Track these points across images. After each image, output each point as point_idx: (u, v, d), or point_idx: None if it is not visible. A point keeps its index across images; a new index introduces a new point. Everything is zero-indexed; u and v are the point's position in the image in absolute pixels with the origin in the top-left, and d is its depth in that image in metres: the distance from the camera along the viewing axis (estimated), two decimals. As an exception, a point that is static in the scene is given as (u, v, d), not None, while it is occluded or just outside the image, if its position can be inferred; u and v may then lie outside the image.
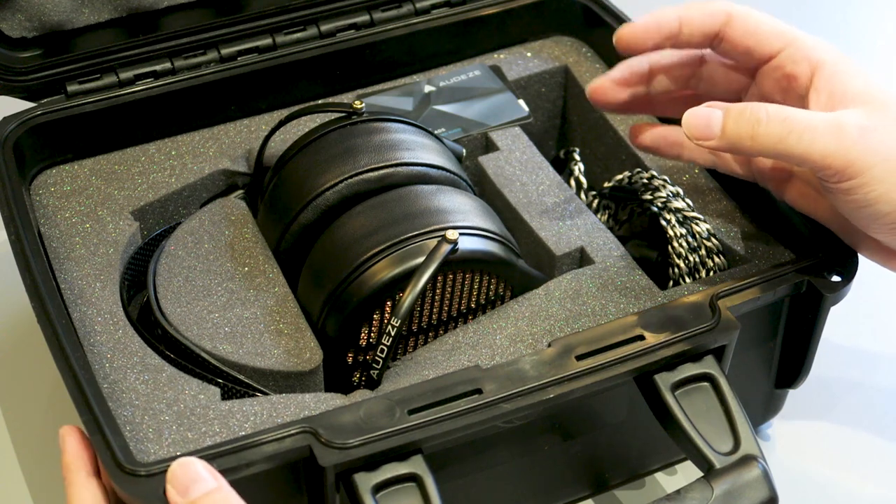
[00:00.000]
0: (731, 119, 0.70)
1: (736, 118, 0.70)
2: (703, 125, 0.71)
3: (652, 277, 0.79)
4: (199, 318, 0.76)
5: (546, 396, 0.69)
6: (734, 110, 0.70)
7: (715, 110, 0.71)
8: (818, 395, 0.87)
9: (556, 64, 0.95)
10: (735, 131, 0.70)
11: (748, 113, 0.70)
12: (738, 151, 0.72)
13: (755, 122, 0.70)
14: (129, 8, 0.87)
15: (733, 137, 0.70)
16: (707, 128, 0.71)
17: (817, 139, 0.69)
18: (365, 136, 0.80)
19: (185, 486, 0.62)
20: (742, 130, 0.70)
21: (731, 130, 0.70)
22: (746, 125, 0.70)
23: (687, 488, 0.67)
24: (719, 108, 0.71)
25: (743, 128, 0.70)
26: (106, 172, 0.85)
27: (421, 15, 0.94)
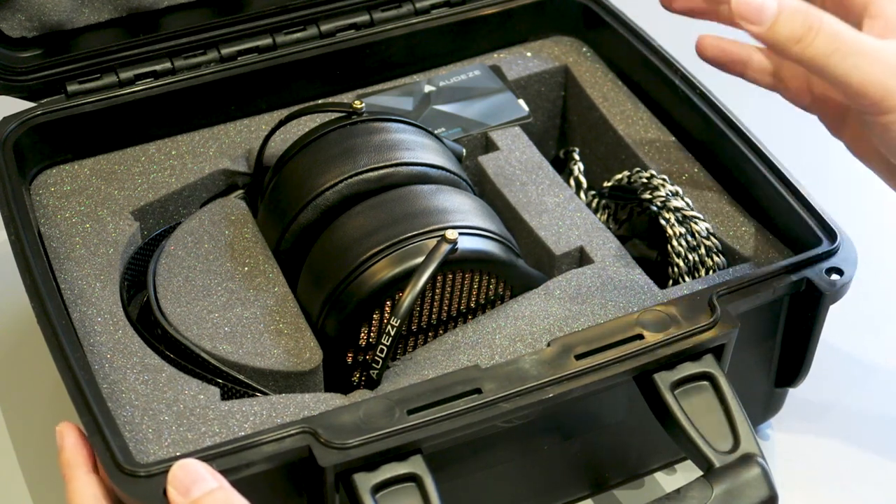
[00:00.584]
0: (785, 15, 0.66)
1: (790, 16, 0.66)
2: (755, 9, 0.66)
3: (651, 277, 0.79)
4: (199, 318, 0.76)
5: (545, 396, 0.69)
6: (790, 8, 0.66)
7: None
8: (818, 395, 0.87)
9: (556, 64, 0.95)
10: (784, 29, 0.66)
11: (802, 15, 0.66)
12: (782, 54, 0.67)
13: (807, 28, 0.66)
14: (129, 8, 0.87)
15: (781, 35, 0.66)
16: (758, 12, 0.66)
17: (861, 65, 0.66)
18: (365, 136, 0.80)
19: (187, 486, 0.62)
20: (792, 31, 0.66)
21: (781, 27, 0.66)
22: (798, 27, 0.66)
23: (687, 487, 0.67)
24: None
25: (793, 28, 0.66)
26: (106, 172, 0.85)
27: (421, 15, 0.94)
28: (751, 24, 0.66)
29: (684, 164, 0.86)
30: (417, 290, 0.71)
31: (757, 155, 0.82)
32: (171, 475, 0.63)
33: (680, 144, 0.88)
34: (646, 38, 0.91)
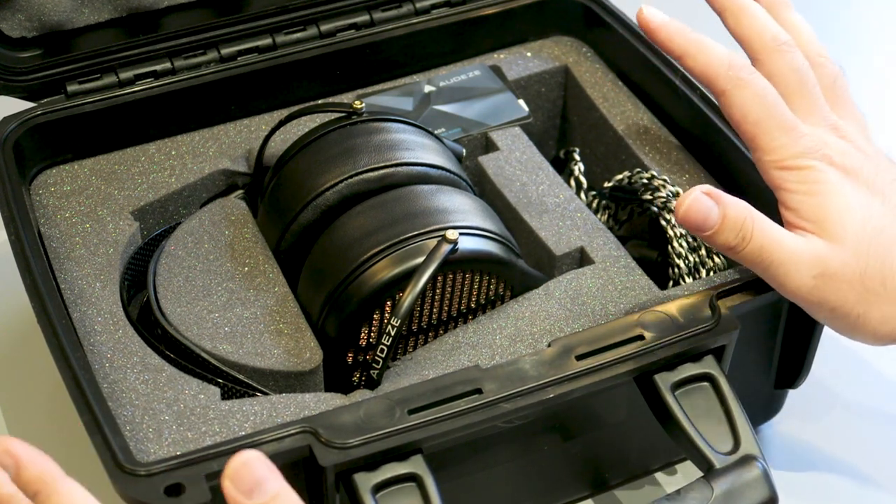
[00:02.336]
0: (726, 226, 0.71)
1: (727, 228, 0.71)
2: (702, 220, 0.71)
3: (652, 277, 0.79)
4: (199, 318, 0.76)
5: (546, 396, 0.69)
6: (729, 217, 0.71)
7: (713, 210, 0.71)
8: (818, 395, 0.87)
9: (556, 64, 0.95)
10: (721, 238, 0.71)
11: (739, 227, 0.71)
12: (726, 253, 0.73)
13: (740, 239, 0.71)
14: (129, 8, 0.87)
15: (718, 241, 0.71)
16: (703, 223, 0.71)
17: (789, 273, 0.71)
18: (365, 136, 0.80)
19: (250, 486, 0.57)
20: (727, 240, 0.71)
21: (719, 236, 0.71)
22: (732, 238, 0.71)
23: (687, 488, 0.67)
24: (719, 204, 0.71)
25: (728, 238, 0.71)
26: (106, 172, 0.85)
27: (421, 15, 0.94)
28: (700, 233, 0.71)
29: (684, 164, 0.86)
30: (418, 291, 0.71)
31: (757, 155, 0.82)
32: (233, 470, 0.57)
33: (680, 145, 0.88)
34: (646, 38, 0.91)
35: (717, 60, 0.75)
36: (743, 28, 0.77)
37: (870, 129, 0.78)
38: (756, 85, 0.74)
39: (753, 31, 0.77)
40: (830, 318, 0.73)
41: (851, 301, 0.72)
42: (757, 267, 0.72)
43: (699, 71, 0.76)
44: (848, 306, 0.72)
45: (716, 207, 0.71)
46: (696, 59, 0.76)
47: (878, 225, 0.73)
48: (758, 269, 0.72)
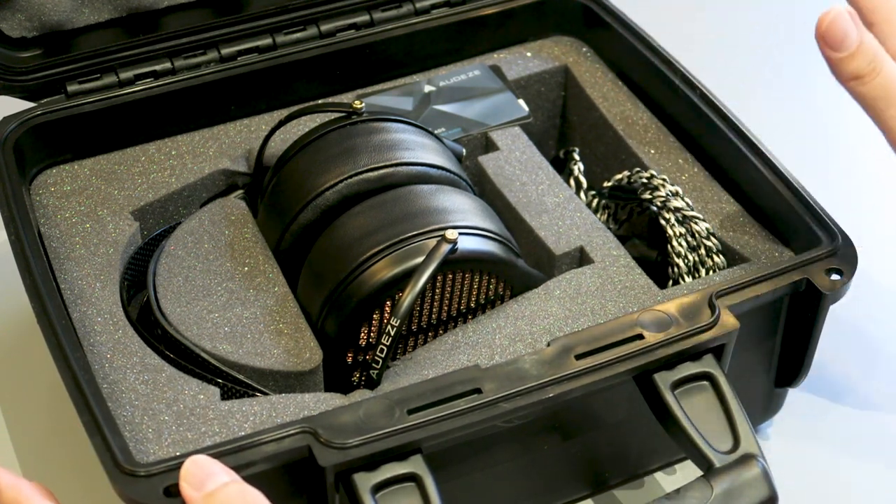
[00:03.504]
0: (860, 50, 0.70)
1: (862, 52, 0.70)
2: (839, 38, 0.70)
3: (651, 277, 0.79)
4: (199, 318, 0.76)
5: (545, 396, 0.69)
6: (865, 45, 0.70)
7: (853, 30, 0.70)
8: (818, 395, 0.87)
9: (556, 64, 0.95)
10: (853, 63, 0.70)
11: (871, 55, 0.70)
12: (841, 82, 0.71)
13: (871, 69, 0.70)
14: (129, 8, 0.87)
15: (849, 67, 0.70)
16: (840, 42, 0.70)
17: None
18: (365, 136, 0.80)
19: (201, 480, 0.62)
20: (858, 67, 0.70)
21: (852, 59, 0.70)
22: (864, 65, 0.70)
23: (686, 487, 0.67)
24: (857, 32, 0.70)
25: (860, 65, 0.70)
26: (106, 172, 0.85)
27: (421, 15, 0.94)
28: (829, 49, 0.70)
29: (684, 164, 0.86)
30: (417, 290, 0.71)
31: (757, 155, 0.82)
32: (185, 471, 0.62)
33: (680, 144, 0.88)
34: (646, 38, 0.91)
35: None
36: None
37: None
38: None
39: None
40: None
41: None
42: (878, 104, 0.70)
43: None
44: None
45: (855, 28, 0.70)
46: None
47: None
48: (878, 108, 0.70)
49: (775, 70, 1.17)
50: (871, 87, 0.70)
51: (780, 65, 1.19)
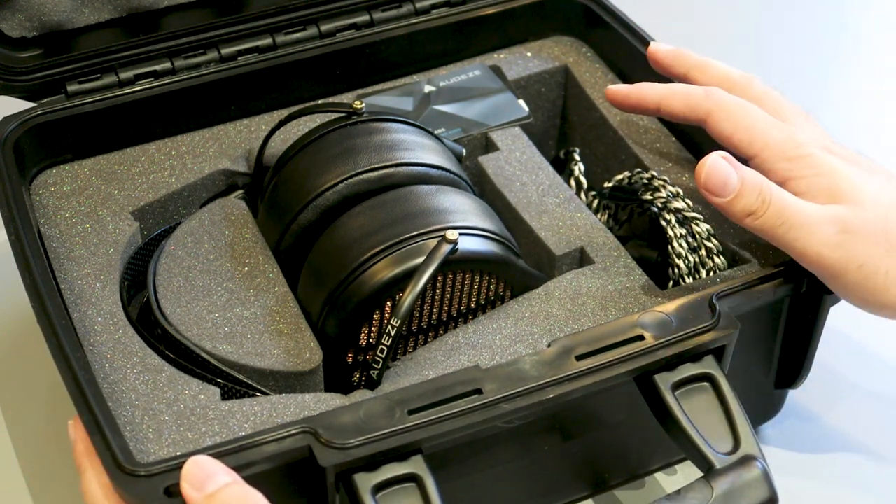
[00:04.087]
0: (744, 191, 0.73)
1: (747, 192, 0.72)
2: (721, 184, 0.73)
3: (652, 277, 0.79)
4: (199, 318, 0.76)
5: (546, 396, 0.69)
6: (748, 185, 0.73)
7: (732, 174, 0.73)
8: (818, 395, 0.87)
9: (556, 64, 0.95)
10: (741, 203, 0.73)
11: (758, 191, 0.73)
12: (736, 221, 0.74)
13: (760, 202, 0.72)
14: (129, 8, 0.87)
15: (737, 208, 0.73)
16: (722, 187, 0.73)
17: (800, 237, 0.72)
18: (365, 136, 0.80)
19: (202, 480, 0.63)
20: (747, 205, 0.73)
21: (739, 201, 0.73)
22: (753, 202, 0.73)
23: (687, 488, 0.67)
24: (736, 173, 0.73)
25: (749, 203, 0.73)
26: (106, 172, 0.85)
27: (421, 15, 0.94)
28: (714, 197, 0.73)
29: (684, 164, 0.86)
30: (418, 291, 0.71)
31: (757, 155, 0.82)
32: (186, 471, 0.63)
33: (680, 145, 0.88)
34: (646, 38, 0.91)
35: (694, 91, 0.79)
36: (712, 76, 0.81)
37: None
38: (737, 99, 0.78)
39: (722, 74, 0.81)
40: (859, 278, 0.72)
41: (879, 254, 0.72)
42: (778, 231, 0.72)
43: (679, 108, 0.80)
44: (876, 259, 0.72)
45: (734, 171, 0.72)
46: (672, 99, 0.80)
47: (892, 195, 0.74)
48: (778, 234, 0.72)
49: (775, 69, 1.17)
50: (766, 219, 0.72)
51: (780, 64, 1.19)
